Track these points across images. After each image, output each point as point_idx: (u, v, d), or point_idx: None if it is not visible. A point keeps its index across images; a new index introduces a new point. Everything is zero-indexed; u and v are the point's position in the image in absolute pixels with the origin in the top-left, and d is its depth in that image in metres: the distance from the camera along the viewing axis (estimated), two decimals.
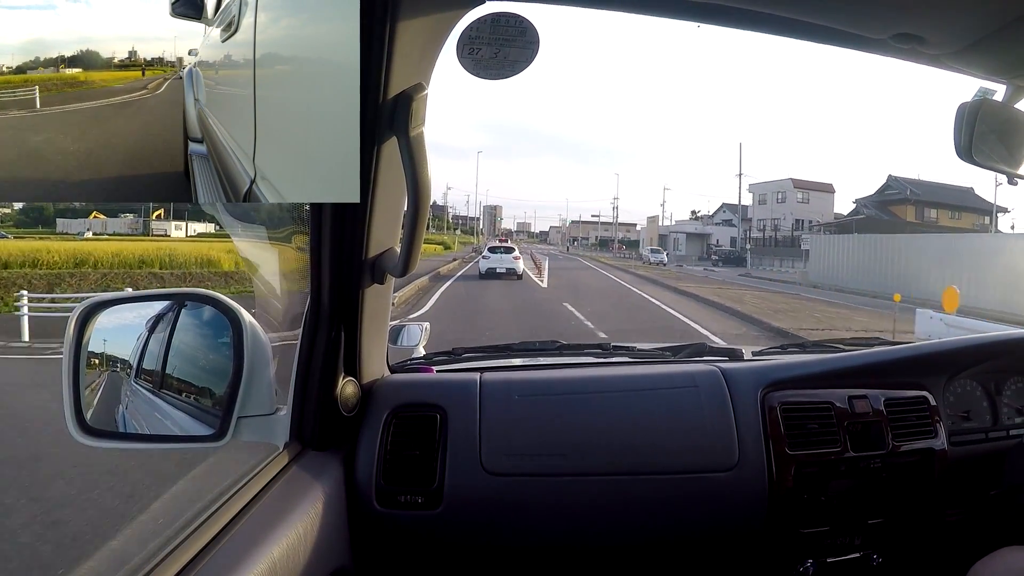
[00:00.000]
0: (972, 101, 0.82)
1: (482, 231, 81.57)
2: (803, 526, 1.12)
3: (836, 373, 1.21)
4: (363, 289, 0.99)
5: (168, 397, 0.88)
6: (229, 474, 0.88)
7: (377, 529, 1.02)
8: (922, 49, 0.79)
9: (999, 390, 1.33)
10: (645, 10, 0.88)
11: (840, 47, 0.86)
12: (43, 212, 31.04)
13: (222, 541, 0.71)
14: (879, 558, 1.16)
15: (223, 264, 13.71)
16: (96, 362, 0.86)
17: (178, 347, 0.91)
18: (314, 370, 0.97)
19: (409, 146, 0.81)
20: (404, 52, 0.82)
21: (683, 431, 1.10)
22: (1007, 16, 0.70)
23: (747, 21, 0.85)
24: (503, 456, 1.05)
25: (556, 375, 1.25)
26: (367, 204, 0.92)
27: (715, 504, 1.08)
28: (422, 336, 1.57)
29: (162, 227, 29.45)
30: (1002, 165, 0.85)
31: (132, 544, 0.75)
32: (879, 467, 1.14)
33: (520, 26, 0.81)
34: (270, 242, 1.22)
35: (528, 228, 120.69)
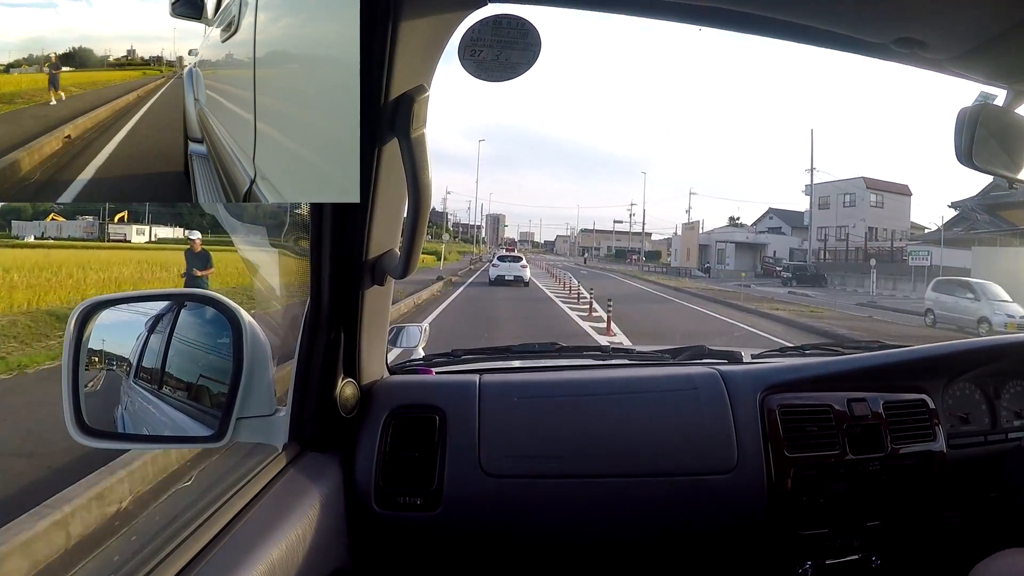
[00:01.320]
0: (972, 106, 0.82)
1: (483, 240, 79.67)
2: (802, 528, 1.12)
3: (835, 376, 1.21)
4: (363, 290, 0.99)
5: (168, 397, 0.88)
6: (228, 475, 0.88)
7: (376, 530, 1.02)
8: (923, 54, 0.79)
9: (998, 393, 1.33)
10: (647, 13, 0.88)
11: (842, 51, 0.86)
12: (20, 214, 27.59)
13: (221, 542, 0.71)
14: (878, 560, 1.16)
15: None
16: (96, 361, 0.86)
17: (178, 347, 0.91)
18: (313, 371, 0.97)
19: (410, 148, 0.81)
20: (405, 53, 0.82)
21: (682, 433, 1.10)
22: (1008, 21, 0.70)
23: (748, 25, 0.85)
24: (502, 458, 1.05)
25: (555, 377, 1.24)
26: (367, 205, 0.92)
27: (714, 506, 1.08)
28: (421, 337, 1.57)
29: (121, 231, 25.91)
30: (1002, 170, 0.85)
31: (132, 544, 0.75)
32: (878, 470, 1.14)
33: (522, 28, 0.81)
34: (270, 243, 1.22)
35: (532, 238, 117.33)
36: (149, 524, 2.00)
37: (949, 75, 0.85)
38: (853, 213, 35.06)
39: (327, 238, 0.93)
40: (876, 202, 35.31)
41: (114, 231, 25.50)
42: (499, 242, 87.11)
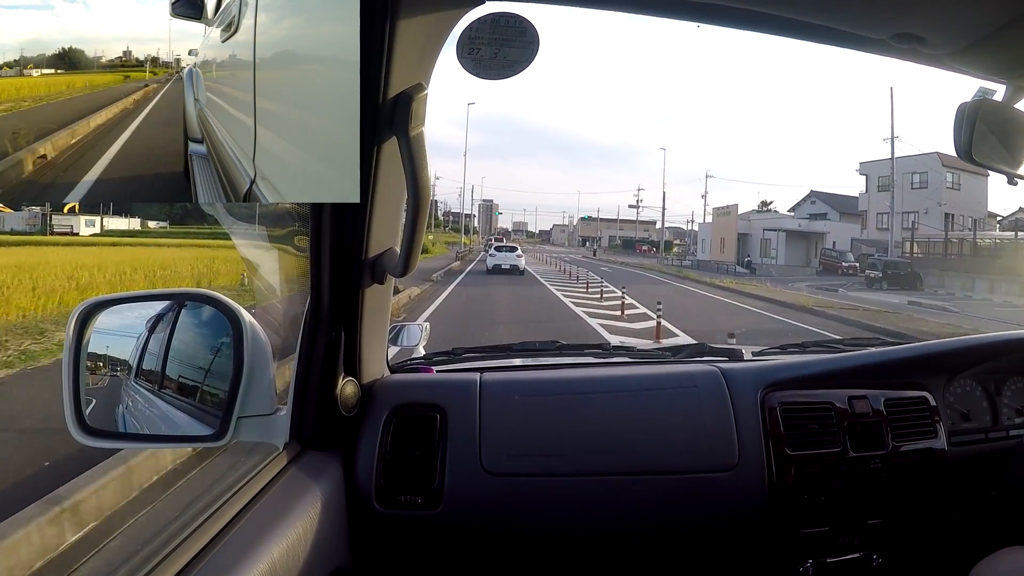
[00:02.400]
0: (972, 101, 0.82)
1: (476, 229, 76.74)
2: (803, 526, 1.12)
3: (836, 373, 1.21)
4: (363, 289, 0.99)
5: (168, 397, 0.88)
6: (229, 474, 0.88)
7: (377, 529, 1.02)
8: (922, 49, 0.79)
9: (999, 390, 1.33)
10: (645, 10, 0.88)
11: (840, 47, 0.86)
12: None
13: (222, 541, 0.71)
14: (879, 558, 1.16)
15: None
16: (98, 364, 0.86)
17: (178, 347, 0.91)
18: (314, 370, 0.97)
19: (409, 146, 0.81)
20: (404, 52, 0.82)
21: (683, 431, 1.10)
22: (1006, 16, 0.70)
23: (746, 21, 0.85)
24: (503, 456, 1.05)
25: (556, 375, 1.25)
26: (367, 204, 0.92)
27: (715, 504, 1.08)
28: (422, 336, 1.57)
29: (67, 223, 22.19)
30: (1002, 165, 0.85)
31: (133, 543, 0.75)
32: (879, 467, 1.14)
33: (520, 26, 0.81)
34: (270, 242, 1.22)
35: (526, 227, 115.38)
36: (150, 523, 2.00)
37: (948, 70, 0.85)
38: (924, 196, 28.61)
39: (327, 236, 0.93)
40: (952, 183, 28.52)
41: (59, 223, 21.63)
42: (492, 231, 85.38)
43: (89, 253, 12.39)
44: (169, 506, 2.04)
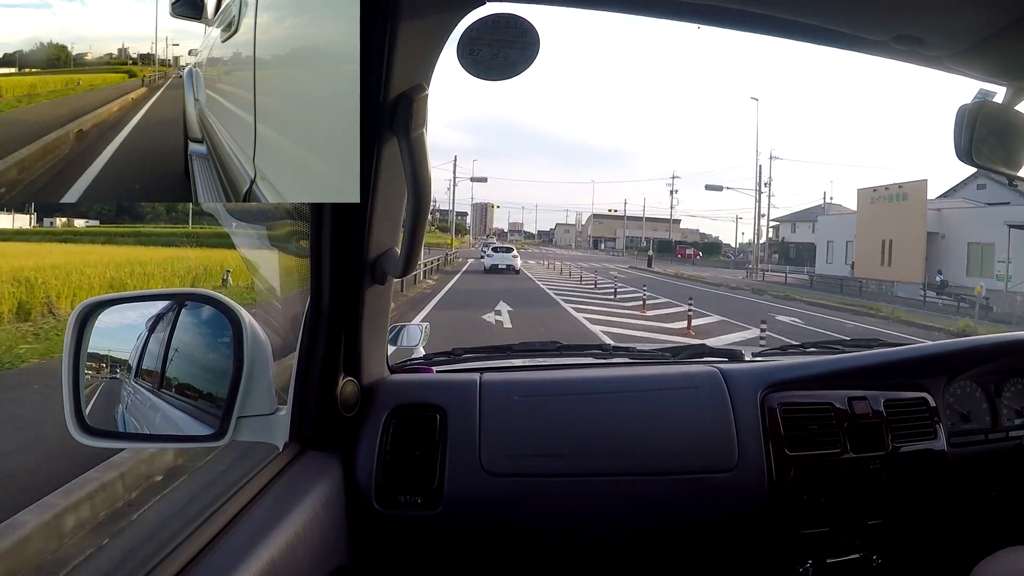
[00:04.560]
0: (972, 103, 0.82)
1: (468, 229, 74.52)
2: (803, 527, 1.12)
3: (836, 374, 1.21)
4: (363, 289, 0.99)
5: (168, 397, 0.88)
6: (229, 474, 0.88)
7: (377, 529, 1.02)
8: (922, 51, 0.79)
9: (999, 392, 1.33)
10: (645, 12, 0.88)
11: (840, 49, 0.86)
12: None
13: (222, 540, 0.72)
14: (879, 559, 1.16)
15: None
16: (98, 364, 0.86)
17: (178, 347, 0.91)
18: (314, 370, 0.97)
19: (409, 147, 0.81)
20: (404, 53, 0.82)
21: (683, 432, 1.10)
22: (1007, 18, 0.70)
23: (746, 23, 0.85)
24: (503, 456, 1.05)
25: (556, 376, 1.25)
26: (367, 205, 0.92)
27: (715, 505, 1.08)
28: (422, 336, 1.58)
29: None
30: (1002, 167, 0.85)
31: (133, 543, 0.75)
32: (879, 468, 1.14)
33: (520, 27, 0.81)
34: (270, 242, 1.22)
35: (521, 227, 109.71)
36: (150, 523, 2.00)
37: (948, 72, 0.85)
38: None
39: (327, 237, 0.93)
40: None
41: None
42: (487, 232, 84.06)
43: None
44: (169, 505, 2.04)
